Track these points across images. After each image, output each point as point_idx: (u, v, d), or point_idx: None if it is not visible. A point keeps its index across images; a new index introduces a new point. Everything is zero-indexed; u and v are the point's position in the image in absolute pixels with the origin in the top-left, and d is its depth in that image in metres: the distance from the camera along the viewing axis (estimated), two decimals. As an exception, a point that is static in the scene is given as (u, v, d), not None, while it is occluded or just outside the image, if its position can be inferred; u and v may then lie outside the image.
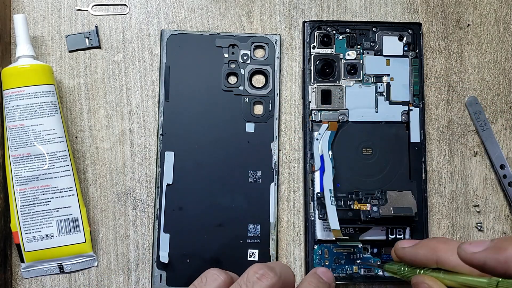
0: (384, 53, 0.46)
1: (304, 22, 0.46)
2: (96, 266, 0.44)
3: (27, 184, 0.41)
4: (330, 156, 0.44)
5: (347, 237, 0.43)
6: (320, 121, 0.45)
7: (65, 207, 0.42)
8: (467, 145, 0.47)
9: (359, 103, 0.45)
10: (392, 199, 0.43)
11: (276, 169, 0.45)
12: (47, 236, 0.42)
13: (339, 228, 0.40)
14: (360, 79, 0.46)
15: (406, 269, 0.35)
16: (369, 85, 0.46)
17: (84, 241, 0.43)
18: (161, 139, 0.44)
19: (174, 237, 0.43)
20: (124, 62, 0.46)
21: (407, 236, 0.44)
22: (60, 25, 0.46)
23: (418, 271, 0.34)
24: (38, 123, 0.41)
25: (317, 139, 0.45)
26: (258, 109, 0.45)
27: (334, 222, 0.41)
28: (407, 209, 0.42)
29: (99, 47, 0.46)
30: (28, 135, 0.41)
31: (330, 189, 0.42)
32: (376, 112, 0.45)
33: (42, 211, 0.42)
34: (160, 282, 0.43)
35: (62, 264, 0.43)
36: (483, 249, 0.26)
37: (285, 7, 0.47)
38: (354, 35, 0.46)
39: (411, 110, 0.46)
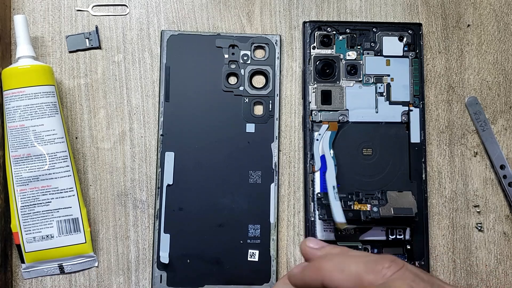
0: (384, 54, 0.46)
1: (304, 22, 0.46)
2: (97, 266, 0.44)
3: (27, 184, 0.41)
4: (332, 155, 0.44)
5: (353, 225, 0.43)
6: (320, 121, 0.45)
7: (66, 208, 0.42)
8: (467, 145, 0.47)
9: (359, 103, 0.45)
10: (392, 199, 0.43)
11: (276, 170, 0.45)
12: (47, 236, 0.42)
13: (345, 220, 0.41)
14: (360, 79, 0.46)
15: None
16: (369, 86, 0.46)
17: (84, 241, 0.43)
18: (162, 140, 0.44)
19: (175, 238, 0.43)
20: (124, 62, 0.46)
21: (407, 236, 0.44)
22: (60, 25, 0.46)
23: None
24: (38, 123, 0.41)
25: (317, 140, 0.45)
26: (258, 110, 0.45)
27: (339, 215, 0.41)
28: (407, 210, 0.42)
29: (99, 47, 0.46)
30: (29, 135, 0.41)
31: (333, 186, 0.42)
32: (376, 112, 0.45)
33: (42, 211, 0.42)
34: (161, 282, 0.43)
35: (63, 264, 0.43)
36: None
37: (285, 8, 0.47)
38: (354, 35, 0.46)
39: (411, 110, 0.46)
